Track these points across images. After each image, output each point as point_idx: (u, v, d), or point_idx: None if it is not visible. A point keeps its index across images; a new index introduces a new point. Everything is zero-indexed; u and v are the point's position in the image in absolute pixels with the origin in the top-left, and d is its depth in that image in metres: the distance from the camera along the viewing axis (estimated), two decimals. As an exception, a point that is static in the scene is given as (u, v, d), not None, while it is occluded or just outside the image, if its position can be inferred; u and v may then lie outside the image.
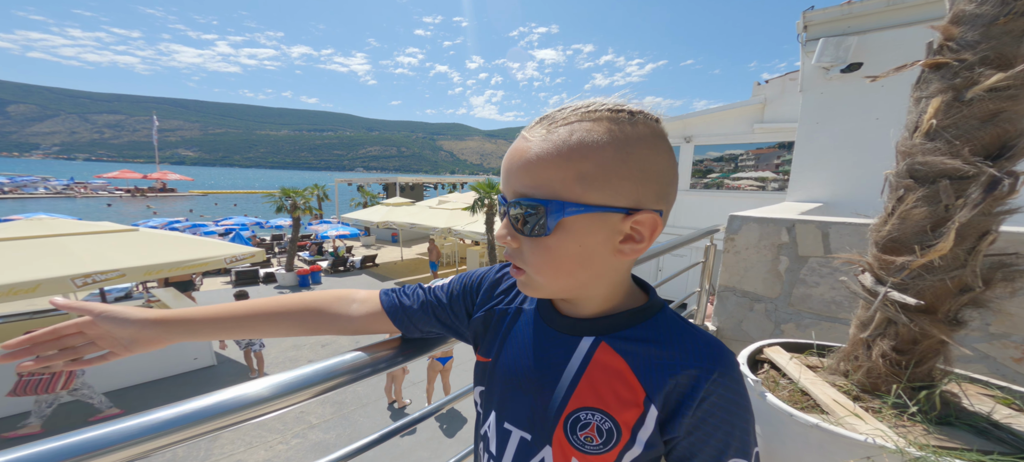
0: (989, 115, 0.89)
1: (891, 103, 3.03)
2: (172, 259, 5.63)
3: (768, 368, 1.37)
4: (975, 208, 0.87)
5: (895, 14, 3.01)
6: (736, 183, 9.16)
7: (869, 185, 3.19)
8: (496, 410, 0.57)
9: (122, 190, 50.78)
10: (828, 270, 1.71)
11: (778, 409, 1.07)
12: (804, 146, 3.56)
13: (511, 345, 0.57)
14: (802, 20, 3.54)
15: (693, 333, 0.49)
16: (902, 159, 1.01)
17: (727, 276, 2.15)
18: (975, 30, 0.92)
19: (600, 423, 0.48)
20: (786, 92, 8.13)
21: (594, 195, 0.43)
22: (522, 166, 0.45)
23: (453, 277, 0.69)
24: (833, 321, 1.72)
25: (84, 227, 6.01)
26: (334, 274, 14.07)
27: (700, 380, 0.46)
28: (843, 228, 1.66)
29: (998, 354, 1.37)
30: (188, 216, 28.57)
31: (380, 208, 16.54)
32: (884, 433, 0.88)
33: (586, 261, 0.46)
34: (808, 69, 3.50)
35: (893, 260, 1.00)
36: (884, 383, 1.04)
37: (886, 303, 1.01)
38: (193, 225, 18.87)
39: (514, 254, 0.49)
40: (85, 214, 27.67)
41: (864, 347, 1.09)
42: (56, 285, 4.54)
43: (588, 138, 0.42)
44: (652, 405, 0.47)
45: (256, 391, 0.55)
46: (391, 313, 0.66)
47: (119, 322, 0.59)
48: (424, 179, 28.64)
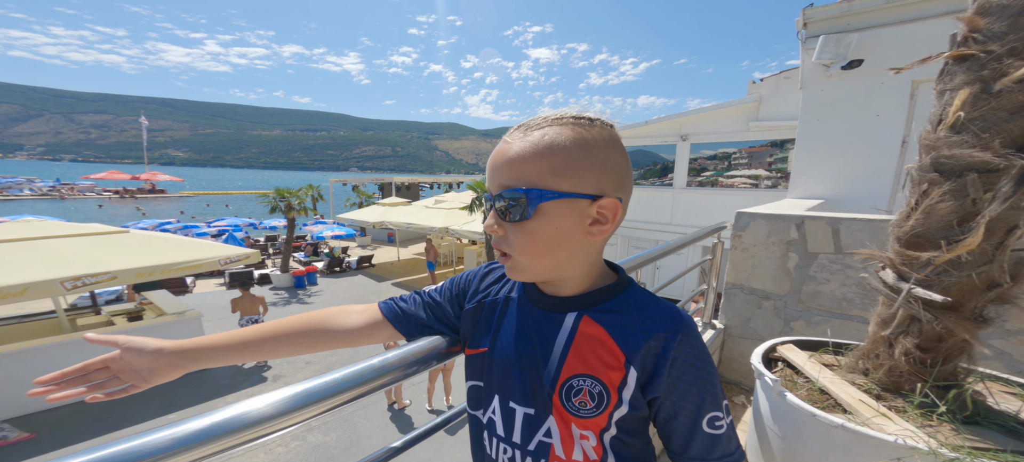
0: (1018, 107, 0.87)
1: (892, 100, 3.04)
2: (164, 261, 5.52)
3: (783, 367, 1.35)
4: (1006, 201, 0.85)
5: (895, 11, 3.02)
6: (730, 181, 9.22)
7: (871, 181, 3.20)
8: (499, 393, 0.61)
9: (110, 191, 49.85)
10: (839, 266, 1.70)
11: (799, 409, 1.04)
12: (805, 143, 3.57)
13: (504, 331, 0.63)
14: (802, 17, 3.54)
15: (657, 302, 0.58)
16: (926, 153, 0.99)
17: (735, 273, 2.13)
18: (1002, 21, 0.90)
19: (591, 388, 0.55)
20: (781, 90, 8.18)
21: (564, 184, 0.51)
22: (504, 163, 0.53)
23: (444, 281, 0.75)
24: (845, 318, 1.70)
25: (73, 229, 5.87)
26: (330, 275, 13.93)
27: (668, 342, 0.53)
28: (854, 224, 1.65)
29: (1015, 351, 1.37)
30: (179, 217, 28.13)
31: (376, 208, 16.41)
32: (914, 434, 0.86)
33: (561, 241, 0.54)
34: (808, 66, 3.50)
35: (917, 256, 0.98)
36: (908, 382, 1.02)
37: (910, 300, 0.99)
38: (184, 226, 18.58)
39: (501, 242, 0.56)
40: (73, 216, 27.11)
41: (886, 345, 1.07)
42: (44, 288, 4.41)
43: (557, 138, 0.51)
44: (632, 367, 0.54)
45: (279, 401, 0.52)
46: (392, 318, 0.70)
47: (137, 353, 0.61)
48: (420, 179, 28.48)
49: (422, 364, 0.67)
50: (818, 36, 3.32)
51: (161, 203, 44.27)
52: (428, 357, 0.68)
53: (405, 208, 15.82)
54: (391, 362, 0.64)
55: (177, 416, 5.45)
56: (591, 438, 0.55)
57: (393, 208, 15.68)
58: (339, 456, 4.90)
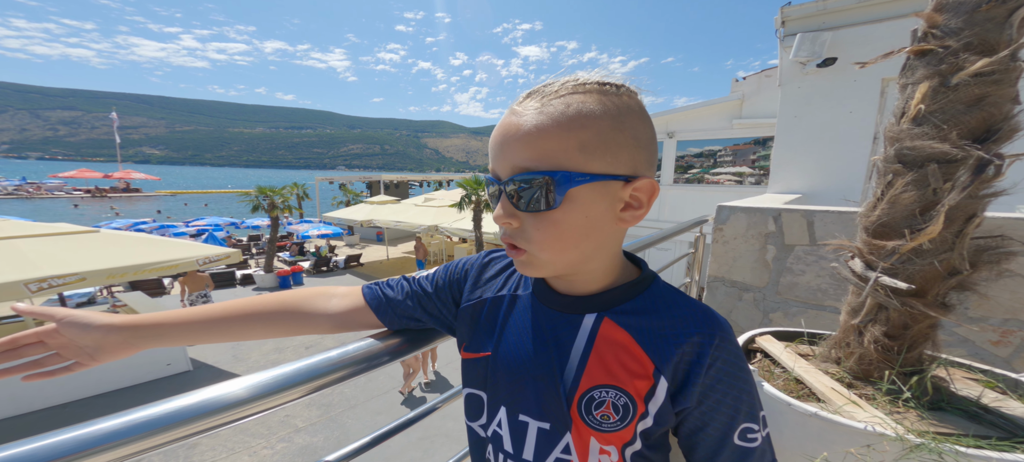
0: (974, 100, 0.90)
1: (862, 96, 3.14)
2: (138, 261, 5.31)
3: (761, 357, 1.38)
4: (964, 191, 0.88)
5: (867, 10, 3.11)
6: (715, 178, 9.40)
7: (844, 175, 3.30)
8: (506, 404, 0.54)
9: (81, 190, 47.71)
10: (814, 258, 1.75)
11: (776, 399, 1.07)
12: (783, 139, 3.66)
13: (511, 333, 0.55)
14: (780, 16, 3.62)
15: (688, 302, 0.51)
16: (890, 144, 1.02)
17: (716, 266, 2.17)
18: (958, 17, 0.93)
19: (615, 399, 0.48)
20: (763, 88, 8.36)
21: (596, 164, 0.43)
22: (519, 139, 0.43)
23: (437, 267, 0.67)
24: (819, 309, 1.75)
25: (39, 229, 5.59)
26: (317, 274, 13.67)
27: (704, 347, 0.47)
28: (827, 216, 1.70)
29: (976, 337, 1.43)
30: (156, 217, 27.11)
31: (364, 206, 16.16)
32: (882, 420, 0.89)
33: (591, 231, 0.46)
34: (786, 64, 3.59)
35: (883, 245, 1.01)
36: (876, 369, 1.05)
37: (877, 288, 1.02)
38: (161, 226, 17.94)
39: (516, 234, 0.47)
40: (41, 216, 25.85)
41: (855, 333, 1.10)
42: (8, 291, 4.19)
43: (585, 108, 0.43)
44: (662, 377, 0.47)
45: (250, 386, 0.50)
46: (374, 305, 0.63)
47: (82, 328, 0.55)
48: (409, 177, 28.18)
49: (368, 363, 0.61)
50: (795, 34, 3.40)
51: (136, 202, 42.60)
52: (378, 355, 0.62)
53: (394, 206, 15.63)
54: (350, 355, 0.59)
55: (154, 422, 5.27)
56: (613, 453, 0.49)
57: (382, 206, 15.47)
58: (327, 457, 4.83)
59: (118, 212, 30.03)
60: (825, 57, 3.14)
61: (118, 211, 30.94)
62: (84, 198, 42.75)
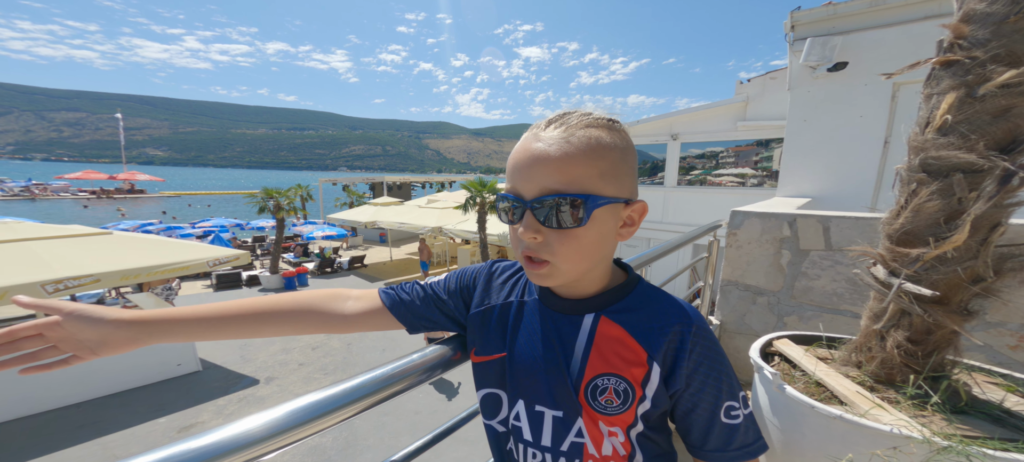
0: (1001, 111, 0.92)
1: (875, 101, 3.15)
2: (150, 263, 5.37)
3: (779, 360, 1.39)
4: (990, 200, 0.90)
5: (878, 15, 3.12)
6: (718, 179, 9.40)
7: (855, 179, 3.31)
8: (523, 398, 0.61)
9: (86, 192, 48.08)
10: (829, 263, 1.76)
11: (798, 401, 1.08)
12: (792, 143, 3.67)
13: (523, 335, 0.62)
14: (790, 20, 3.63)
15: (666, 297, 0.59)
16: (914, 154, 1.04)
17: (730, 270, 2.18)
18: (986, 28, 0.95)
19: (616, 385, 0.55)
20: (767, 90, 8.36)
21: (610, 188, 0.51)
22: (548, 164, 0.49)
23: (448, 274, 0.73)
24: (834, 313, 1.77)
25: (53, 231, 5.66)
26: (321, 276, 13.73)
27: (685, 334, 0.55)
28: (843, 222, 1.71)
29: (995, 342, 1.44)
30: (161, 218, 27.30)
31: (367, 208, 16.22)
32: (909, 424, 0.90)
33: (601, 245, 0.54)
34: (796, 68, 3.60)
35: (907, 252, 1.03)
36: (899, 374, 1.07)
37: (900, 294, 1.04)
38: (168, 227, 18.06)
39: (539, 248, 0.53)
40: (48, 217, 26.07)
41: (878, 338, 1.12)
42: (25, 292, 4.24)
43: (603, 141, 0.51)
44: (655, 363, 0.55)
45: (282, 416, 0.53)
46: (393, 309, 0.67)
47: (88, 322, 0.55)
48: (411, 178, 28.23)
49: (429, 373, 0.66)
50: (805, 39, 3.42)
51: (141, 203, 42.90)
52: (434, 365, 0.66)
53: (397, 208, 15.68)
54: (402, 369, 0.63)
55: (167, 420, 5.32)
56: (619, 434, 0.57)
57: (385, 208, 15.52)
58: (335, 457, 4.85)
59: (124, 213, 30.25)
60: (835, 61, 3.15)
61: (124, 212, 31.18)
62: (90, 199, 43.09)
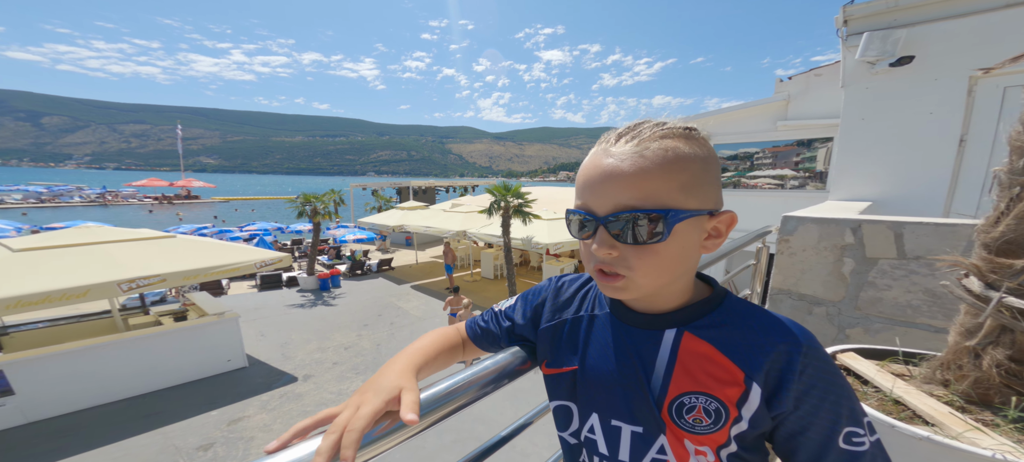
0: (1124, 106, 0.83)
1: (947, 97, 2.89)
2: (207, 264, 5.83)
3: (846, 375, 1.30)
4: (1114, 207, 0.81)
5: (948, 5, 2.87)
6: (753, 182, 8.93)
7: (923, 182, 3.04)
8: (598, 412, 0.60)
9: (150, 198, 52.96)
10: (903, 272, 1.63)
11: (876, 420, 1.01)
12: (847, 143, 3.43)
13: (594, 348, 0.62)
14: (842, 14, 3.41)
15: (765, 313, 0.55)
16: (1018, 155, 0.95)
17: (781, 279, 2.07)
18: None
19: (706, 404, 0.52)
20: (811, 88, 7.87)
21: (692, 201, 0.49)
22: (622, 180, 0.48)
23: (515, 298, 0.77)
24: (909, 326, 1.63)
25: (124, 234, 6.28)
26: (352, 278, 14.31)
27: (793, 355, 0.50)
28: (919, 228, 1.58)
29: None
30: (213, 222, 29.56)
31: (395, 212, 16.74)
32: (1013, 449, 0.82)
33: (683, 259, 0.52)
34: (850, 64, 3.37)
35: (1009, 263, 0.94)
36: (998, 395, 0.98)
37: (1000, 309, 0.95)
38: (219, 231, 19.51)
39: (616, 262, 0.51)
40: (119, 221, 28.97)
41: (971, 356, 1.03)
42: (103, 290, 4.74)
43: (681, 153, 0.48)
44: (754, 383, 0.51)
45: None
46: (474, 338, 0.76)
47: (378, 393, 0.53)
48: (435, 182, 28.89)
49: (494, 383, 0.66)
50: (861, 33, 3.20)
51: (196, 208, 46.67)
52: (500, 376, 0.67)
53: (423, 212, 16.07)
54: (467, 380, 0.62)
55: (218, 413, 5.72)
56: (708, 453, 0.53)
57: (411, 212, 15.96)
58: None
59: (182, 217, 33.05)
60: (899, 56, 2.93)
61: (182, 216, 34.08)
62: (154, 205, 47.45)
